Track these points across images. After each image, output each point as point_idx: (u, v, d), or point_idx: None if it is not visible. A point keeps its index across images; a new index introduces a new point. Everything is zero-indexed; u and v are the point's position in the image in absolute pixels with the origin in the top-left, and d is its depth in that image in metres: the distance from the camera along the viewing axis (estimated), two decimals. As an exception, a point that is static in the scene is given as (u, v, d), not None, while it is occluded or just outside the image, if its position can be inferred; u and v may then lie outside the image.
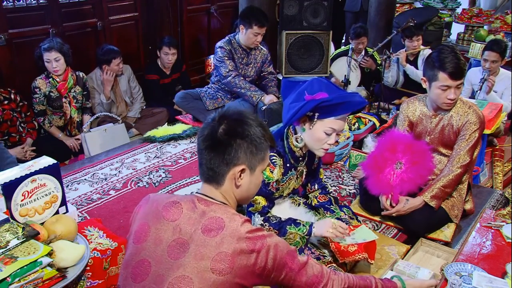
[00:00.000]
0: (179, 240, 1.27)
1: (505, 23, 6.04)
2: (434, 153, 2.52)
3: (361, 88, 4.78)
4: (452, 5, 6.86)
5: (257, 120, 1.35)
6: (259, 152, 1.33)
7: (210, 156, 1.31)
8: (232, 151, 1.29)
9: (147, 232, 1.32)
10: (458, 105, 2.45)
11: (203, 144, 1.32)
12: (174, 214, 1.31)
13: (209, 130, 1.32)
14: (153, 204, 1.37)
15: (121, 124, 3.81)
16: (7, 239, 1.64)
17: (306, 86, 1.96)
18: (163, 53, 4.36)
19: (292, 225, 1.96)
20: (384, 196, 2.43)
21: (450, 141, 2.48)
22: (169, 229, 1.30)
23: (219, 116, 1.34)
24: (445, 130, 2.47)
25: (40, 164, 1.92)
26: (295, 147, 2.03)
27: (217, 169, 1.31)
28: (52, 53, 3.42)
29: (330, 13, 4.36)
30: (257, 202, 2.01)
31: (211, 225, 1.26)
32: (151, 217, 1.34)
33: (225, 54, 3.87)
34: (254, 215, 2.00)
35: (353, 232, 2.06)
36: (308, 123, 1.94)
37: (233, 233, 1.23)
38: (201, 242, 1.24)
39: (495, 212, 2.14)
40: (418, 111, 2.56)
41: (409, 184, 2.37)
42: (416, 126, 2.57)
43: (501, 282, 1.61)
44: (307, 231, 1.95)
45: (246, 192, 1.38)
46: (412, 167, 2.37)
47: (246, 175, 1.34)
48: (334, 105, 1.87)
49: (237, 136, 1.30)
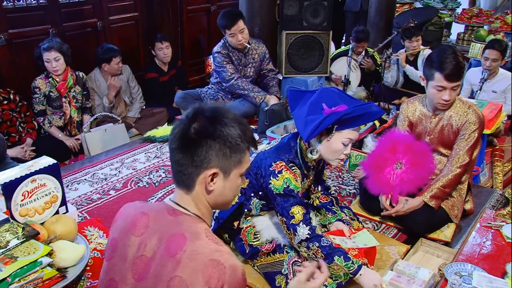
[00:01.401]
0: (143, 258, 1.18)
1: (505, 23, 6.04)
2: (434, 153, 2.52)
3: (361, 88, 4.78)
4: (452, 5, 6.86)
5: (235, 119, 1.21)
6: (234, 154, 1.19)
7: (179, 157, 1.19)
8: (202, 152, 1.16)
9: (115, 248, 1.24)
10: (458, 105, 2.45)
11: (173, 144, 1.20)
12: (141, 228, 1.21)
13: (180, 128, 1.20)
14: (123, 217, 1.28)
15: (121, 124, 3.81)
16: (7, 239, 1.64)
17: (319, 97, 1.91)
18: (158, 50, 4.36)
19: (341, 257, 1.84)
20: (384, 196, 2.43)
21: (450, 141, 2.48)
22: (134, 244, 1.20)
23: (193, 113, 1.21)
24: (444, 130, 2.47)
25: (40, 164, 1.92)
26: (308, 159, 2.01)
27: (186, 171, 1.19)
28: (52, 53, 3.42)
29: (330, 13, 4.36)
30: (295, 213, 1.91)
31: (173, 241, 1.14)
32: (119, 232, 1.25)
33: (223, 59, 3.90)
34: (298, 226, 1.89)
35: (354, 236, 2.06)
36: (325, 135, 1.91)
37: (192, 255, 1.11)
38: (161, 262, 1.14)
39: (495, 212, 2.14)
40: (418, 111, 2.55)
41: (409, 184, 2.36)
42: (416, 126, 2.57)
43: (501, 282, 1.61)
44: (354, 271, 1.84)
45: (220, 197, 1.24)
46: (412, 168, 2.36)
47: (219, 179, 1.20)
48: (354, 117, 1.85)
49: (208, 137, 1.17)
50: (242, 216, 2.12)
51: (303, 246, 1.90)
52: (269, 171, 1.93)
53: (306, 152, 1.99)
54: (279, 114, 3.66)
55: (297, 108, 1.99)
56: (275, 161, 1.94)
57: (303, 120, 1.89)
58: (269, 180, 1.93)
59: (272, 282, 2.00)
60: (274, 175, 1.92)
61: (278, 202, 1.94)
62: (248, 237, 2.10)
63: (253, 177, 2.04)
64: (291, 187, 1.92)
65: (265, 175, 1.95)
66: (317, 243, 1.87)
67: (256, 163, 2.01)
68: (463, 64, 2.33)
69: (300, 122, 1.92)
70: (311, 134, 1.84)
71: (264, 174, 1.96)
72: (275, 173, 1.92)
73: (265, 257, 2.07)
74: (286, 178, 1.91)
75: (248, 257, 2.10)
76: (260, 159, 2.00)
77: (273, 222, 2.14)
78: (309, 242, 1.88)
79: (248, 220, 2.15)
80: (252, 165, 2.02)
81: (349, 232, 2.08)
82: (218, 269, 1.08)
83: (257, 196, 2.08)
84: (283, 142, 2.04)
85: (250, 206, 2.11)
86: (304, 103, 1.96)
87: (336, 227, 2.14)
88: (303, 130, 1.88)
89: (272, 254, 2.05)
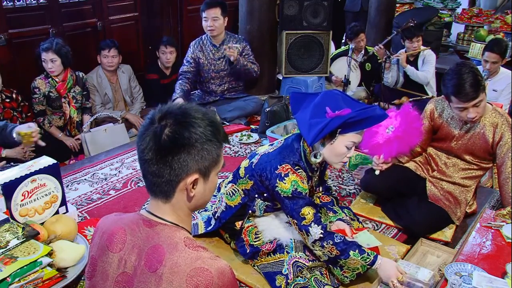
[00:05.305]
0: (124, 275, 1.14)
1: (505, 23, 6.04)
2: (452, 156, 2.52)
3: (361, 88, 4.79)
4: (452, 5, 6.86)
5: (205, 116, 1.13)
6: (211, 154, 1.13)
7: (155, 168, 1.10)
8: (180, 160, 1.09)
9: (95, 267, 1.20)
10: (493, 115, 2.38)
11: (146, 155, 1.11)
12: (118, 243, 1.16)
13: (151, 137, 1.09)
14: (99, 233, 1.23)
15: (121, 124, 3.81)
16: (7, 239, 1.64)
17: (323, 100, 1.90)
18: (161, 53, 4.36)
19: (356, 251, 1.87)
20: (376, 156, 2.49)
21: (477, 149, 2.43)
22: (114, 261, 1.16)
23: (159, 116, 1.11)
24: (475, 138, 2.41)
25: (40, 164, 1.92)
26: (312, 162, 2.01)
27: (165, 183, 1.12)
28: (49, 54, 3.43)
29: (330, 13, 4.36)
30: (306, 214, 1.91)
31: (152, 255, 1.10)
32: (97, 249, 1.21)
33: (189, 55, 4.03)
34: (310, 226, 1.90)
35: (355, 236, 2.06)
36: (329, 139, 1.91)
37: (172, 268, 1.06)
38: (143, 278, 1.10)
39: (495, 212, 2.14)
40: (446, 113, 2.50)
41: (400, 145, 2.40)
42: (442, 128, 2.51)
43: (501, 282, 1.61)
44: (371, 261, 1.87)
45: (201, 200, 1.19)
46: (402, 130, 2.40)
47: (200, 183, 1.14)
48: (358, 121, 1.84)
49: (186, 144, 1.08)
50: (245, 217, 2.11)
51: (317, 246, 1.91)
52: (275, 174, 1.93)
53: (309, 155, 1.98)
54: (280, 115, 3.66)
55: (300, 111, 1.99)
56: (281, 164, 1.93)
57: (307, 123, 1.88)
58: (275, 183, 1.92)
59: (272, 282, 1.99)
60: (280, 178, 1.92)
61: (286, 204, 1.94)
62: (249, 236, 2.10)
63: (257, 179, 2.03)
64: (299, 190, 1.91)
65: (271, 178, 1.94)
66: (331, 241, 1.89)
67: (261, 165, 2.00)
68: (479, 79, 2.22)
69: (303, 126, 1.91)
70: (315, 138, 1.84)
71: (270, 177, 1.95)
72: (281, 176, 1.92)
73: (265, 257, 2.07)
74: (293, 181, 1.91)
75: (249, 257, 2.10)
76: (264, 162, 1.99)
77: (275, 223, 2.14)
78: (323, 241, 1.89)
79: (250, 219, 2.15)
80: (256, 167, 2.02)
81: (351, 232, 2.08)
82: (204, 276, 1.04)
83: (261, 198, 2.07)
84: (287, 144, 2.03)
85: (254, 207, 2.10)
86: (306, 106, 1.95)
87: (337, 226, 2.14)
88: (307, 134, 1.87)
89: (273, 254, 2.05)
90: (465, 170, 2.50)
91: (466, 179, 2.50)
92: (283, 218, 2.12)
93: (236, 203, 2.12)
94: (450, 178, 2.50)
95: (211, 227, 2.25)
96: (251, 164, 2.07)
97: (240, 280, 2.07)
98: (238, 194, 2.12)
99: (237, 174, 2.15)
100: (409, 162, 2.63)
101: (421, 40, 4.50)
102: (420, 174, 2.58)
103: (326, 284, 1.93)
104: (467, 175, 2.50)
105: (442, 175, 2.52)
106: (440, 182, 2.51)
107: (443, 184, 2.50)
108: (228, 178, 2.24)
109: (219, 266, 1.07)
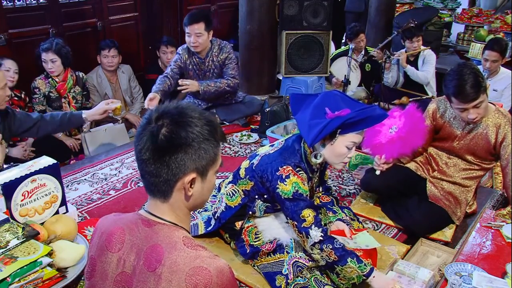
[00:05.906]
0: (123, 275, 1.14)
1: (505, 23, 6.04)
2: (453, 156, 2.52)
3: (361, 88, 4.78)
4: (452, 5, 6.86)
5: (201, 116, 1.13)
6: (208, 153, 1.13)
7: (153, 168, 1.11)
8: (177, 160, 1.09)
9: (94, 266, 1.20)
10: (496, 115, 2.38)
11: (143, 155, 1.11)
12: (117, 243, 1.16)
13: (148, 137, 1.10)
14: (98, 233, 1.23)
15: (121, 124, 3.81)
16: (7, 239, 1.64)
17: (322, 101, 1.90)
18: (162, 53, 4.36)
19: (354, 259, 1.85)
20: (377, 156, 2.47)
21: (479, 150, 2.43)
22: (113, 261, 1.16)
23: (156, 116, 1.12)
24: (477, 138, 2.41)
25: (40, 164, 1.92)
26: (313, 162, 2.00)
27: (163, 182, 1.12)
28: (49, 54, 3.43)
29: (330, 13, 4.37)
30: (306, 216, 1.90)
31: (151, 255, 1.10)
32: (96, 249, 1.21)
33: (175, 60, 3.70)
34: (310, 229, 1.89)
35: (355, 237, 2.06)
36: (329, 140, 1.91)
37: (171, 267, 1.06)
38: (142, 277, 1.10)
39: (495, 212, 2.14)
40: (448, 113, 2.49)
41: (402, 146, 2.38)
42: (444, 128, 2.51)
43: (501, 282, 1.61)
44: (367, 273, 1.85)
45: (199, 199, 1.19)
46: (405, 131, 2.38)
47: (197, 182, 1.15)
48: (358, 121, 1.84)
49: (183, 143, 1.09)
50: (245, 217, 2.11)
51: (316, 248, 1.90)
52: (276, 176, 1.92)
53: (310, 156, 1.98)
54: (280, 115, 3.66)
55: (300, 112, 1.98)
56: (282, 166, 1.93)
57: (307, 124, 1.88)
58: (276, 184, 1.92)
59: (273, 282, 1.99)
60: (281, 179, 1.91)
61: (287, 206, 1.93)
62: (250, 236, 2.10)
63: (258, 180, 2.02)
64: (300, 191, 1.91)
65: (271, 179, 1.94)
66: (330, 245, 1.87)
67: (261, 166, 2.00)
68: (480, 80, 2.21)
69: (303, 127, 1.90)
70: (315, 139, 1.83)
71: (271, 178, 1.94)
72: (282, 178, 1.91)
73: (265, 257, 2.07)
74: (294, 183, 1.90)
75: (249, 257, 2.10)
76: (265, 163, 1.99)
77: (275, 223, 2.14)
78: (322, 244, 1.88)
79: (250, 220, 2.15)
80: (257, 168, 2.01)
81: (350, 233, 2.08)
82: (203, 275, 1.04)
83: (261, 199, 2.07)
84: (288, 145, 2.03)
85: (254, 208, 2.10)
86: (306, 107, 1.95)
87: (337, 227, 2.14)
88: (307, 135, 1.87)
89: (273, 254, 2.05)
90: (466, 170, 2.50)
91: (466, 179, 2.50)
92: (283, 218, 2.11)
93: (236, 203, 2.12)
94: (451, 178, 2.50)
95: (211, 227, 2.25)
96: (251, 165, 2.07)
97: (240, 280, 2.07)
98: (238, 194, 2.12)
99: (238, 174, 2.15)
100: (410, 162, 2.63)
101: (421, 40, 4.50)
102: (420, 174, 2.58)
103: (326, 284, 1.93)
104: (468, 175, 2.50)
105: (442, 175, 2.52)
106: (440, 182, 2.51)
107: (443, 184, 2.50)
108: (228, 179, 2.23)
109: (218, 265, 1.07)
